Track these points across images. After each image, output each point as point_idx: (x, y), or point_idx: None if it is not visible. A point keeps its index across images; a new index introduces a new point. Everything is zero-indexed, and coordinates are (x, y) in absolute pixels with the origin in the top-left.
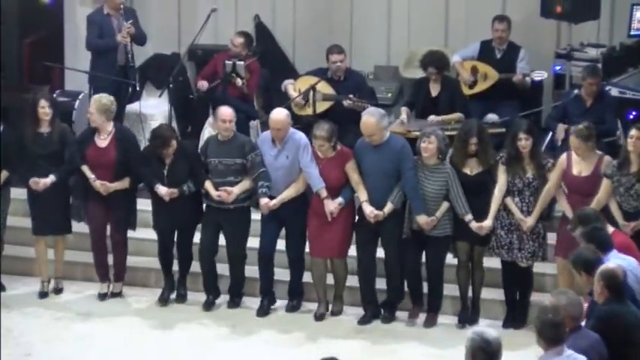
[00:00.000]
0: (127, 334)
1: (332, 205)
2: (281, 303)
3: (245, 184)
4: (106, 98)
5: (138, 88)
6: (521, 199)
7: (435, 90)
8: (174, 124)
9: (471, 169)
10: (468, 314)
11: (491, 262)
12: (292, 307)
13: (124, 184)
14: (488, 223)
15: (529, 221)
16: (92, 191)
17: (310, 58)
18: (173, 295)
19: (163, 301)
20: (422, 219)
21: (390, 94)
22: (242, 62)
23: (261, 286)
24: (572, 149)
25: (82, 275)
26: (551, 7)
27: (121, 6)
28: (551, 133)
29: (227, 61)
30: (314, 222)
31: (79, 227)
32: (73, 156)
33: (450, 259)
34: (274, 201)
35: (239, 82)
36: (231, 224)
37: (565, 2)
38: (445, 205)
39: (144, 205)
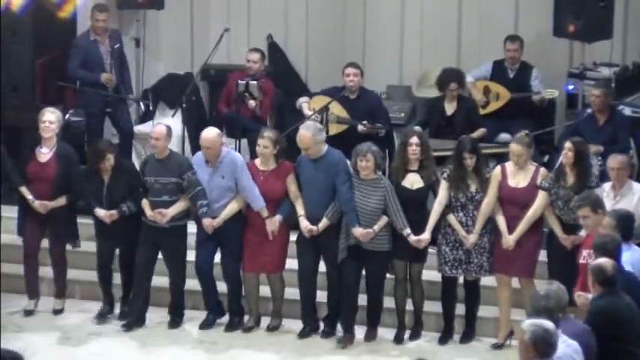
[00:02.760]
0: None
1: (272, 225)
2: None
3: (181, 204)
4: (57, 113)
5: (151, 108)
6: (464, 213)
7: (450, 109)
8: (187, 144)
9: (412, 183)
10: (404, 331)
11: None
12: (232, 325)
13: (60, 202)
14: (425, 236)
15: (471, 238)
16: (29, 206)
17: (323, 78)
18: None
19: (101, 317)
20: (357, 231)
21: (402, 114)
22: (255, 82)
23: (205, 302)
24: (511, 158)
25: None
26: (563, 26)
27: (109, 29)
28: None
29: (240, 81)
30: (250, 237)
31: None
32: (9, 174)
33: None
34: (217, 220)
35: (252, 103)
36: (168, 243)
37: (578, 21)
38: (384, 219)
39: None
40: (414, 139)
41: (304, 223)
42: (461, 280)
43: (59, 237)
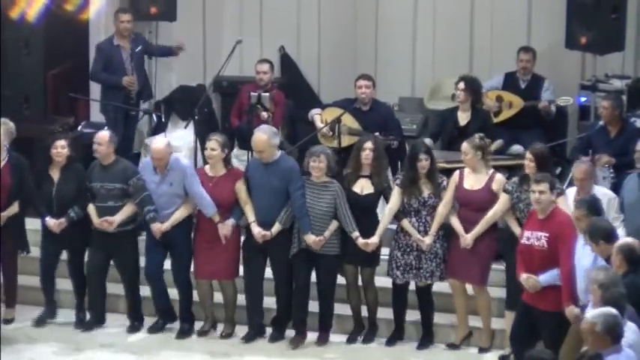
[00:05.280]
0: None
1: (225, 229)
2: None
3: (127, 210)
4: (10, 123)
5: (163, 120)
6: (417, 219)
7: (463, 119)
8: (199, 156)
9: (362, 189)
10: (358, 335)
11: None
12: (183, 332)
13: (13, 209)
14: (374, 239)
15: (427, 240)
16: None
17: (335, 89)
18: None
19: (40, 322)
20: (309, 238)
21: (414, 126)
22: (267, 94)
23: (155, 308)
24: (463, 158)
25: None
26: (576, 38)
27: (131, 34)
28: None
29: (252, 93)
30: (201, 243)
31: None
32: None
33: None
34: (165, 224)
35: (264, 115)
36: (117, 249)
37: (590, 33)
38: (334, 224)
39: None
40: (369, 145)
41: (256, 230)
42: (413, 286)
43: (13, 244)
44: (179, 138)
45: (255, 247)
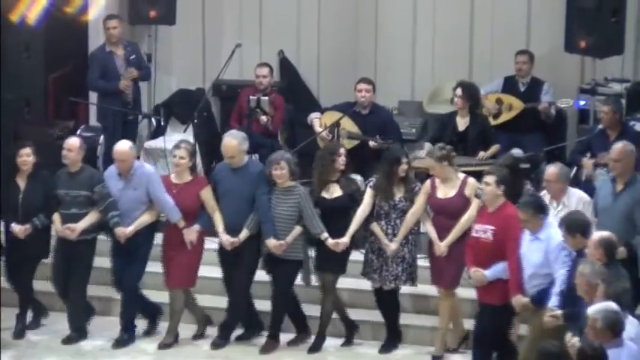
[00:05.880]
0: None
1: (191, 235)
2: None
3: (90, 218)
4: None
5: (162, 124)
6: (387, 221)
7: (462, 125)
8: (198, 159)
9: (331, 192)
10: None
11: (364, 284)
12: (124, 342)
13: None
14: (344, 239)
15: (392, 246)
16: None
17: (334, 93)
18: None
19: (17, 334)
20: (271, 242)
21: (414, 130)
22: (266, 97)
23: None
24: (431, 173)
25: None
26: (575, 42)
27: (123, 41)
28: (575, 168)
29: (251, 97)
30: (169, 253)
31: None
32: None
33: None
34: (129, 229)
35: (264, 119)
36: (77, 257)
37: (589, 37)
38: (297, 229)
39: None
40: (342, 151)
41: (225, 238)
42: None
43: None
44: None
45: (229, 253)
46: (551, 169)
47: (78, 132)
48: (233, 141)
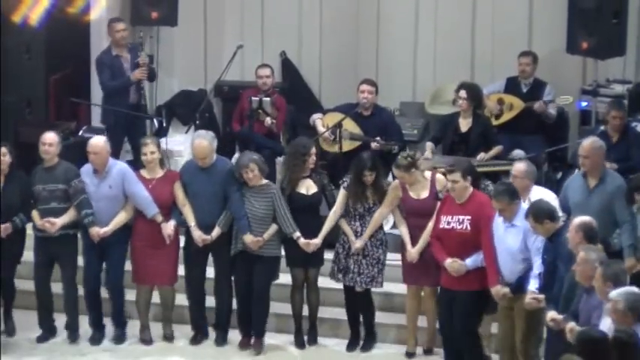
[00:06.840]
0: None
1: (169, 229)
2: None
3: (71, 213)
4: None
5: (164, 125)
6: (361, 223)
7: (464, 126)
8: None
9: (307, 189)
10: (302, 336)
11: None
12: (118, 338)
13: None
14: (316, 240)
15: (358, 243)
16: None
17: (336, 94)
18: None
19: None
20: (248, 238)
21: (415, 131)
22: (268, 99)
23: (90, 319)
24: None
25: None
26: (577, 43)
27: (128, 44)
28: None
29: (253, 98)
30: (139, 249)
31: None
32: None
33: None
34: (105, 229)
35: (268, 121)
36: (58, 253)
37: (591, 38)
38: (273, 227)
39: None
40: (314, 150)
41: (197, 233)
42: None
43: None
44: (180, 143)
45: (196, 249)
46: (519, 166)
47: (80, 133)
48: (204, 142)
